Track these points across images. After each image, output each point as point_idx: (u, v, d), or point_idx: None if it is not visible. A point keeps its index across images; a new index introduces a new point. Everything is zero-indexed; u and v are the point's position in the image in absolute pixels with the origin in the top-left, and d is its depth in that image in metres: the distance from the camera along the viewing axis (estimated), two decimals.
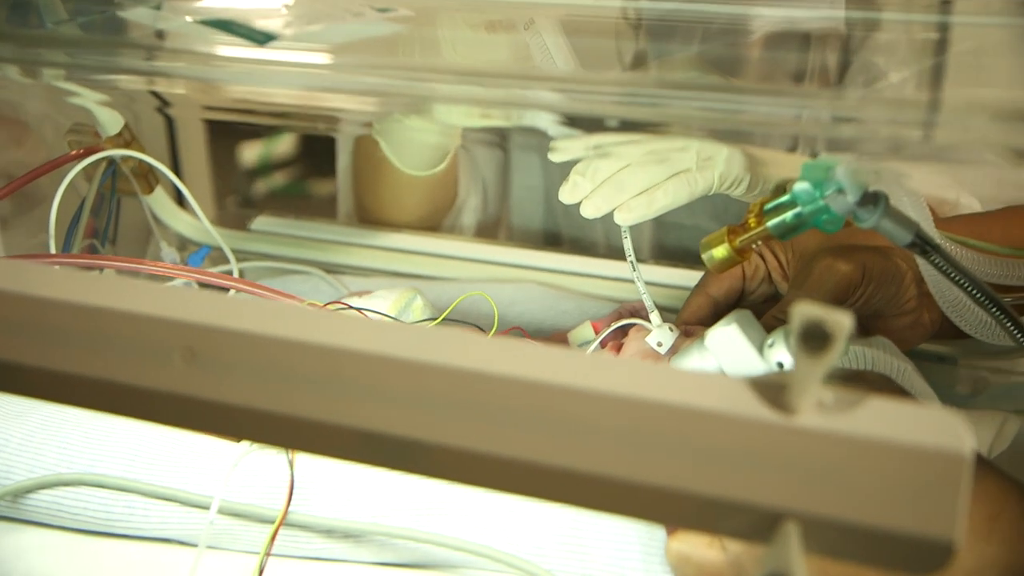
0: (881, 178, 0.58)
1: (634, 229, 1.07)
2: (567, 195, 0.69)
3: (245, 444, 0.65)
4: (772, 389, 0.36)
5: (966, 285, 0.58)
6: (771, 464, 0.35)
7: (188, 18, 0.56)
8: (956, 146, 0.45)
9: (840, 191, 0.54)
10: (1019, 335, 0.60)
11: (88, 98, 0.80)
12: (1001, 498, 0.50)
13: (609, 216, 1.02)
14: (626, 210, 0.67)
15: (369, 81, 0.52)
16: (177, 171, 1.05)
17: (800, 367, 0.34)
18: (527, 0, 0.69)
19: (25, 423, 0.65)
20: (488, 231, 1.17)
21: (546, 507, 0.59)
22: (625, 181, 0.66)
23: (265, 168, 2.44)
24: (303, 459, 0.63)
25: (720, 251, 0.63)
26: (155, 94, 0.70)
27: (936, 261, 0.58)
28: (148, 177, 1.04)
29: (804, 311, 0.32)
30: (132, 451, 0.63)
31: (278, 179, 2.45)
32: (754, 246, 0.61)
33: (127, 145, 0.98)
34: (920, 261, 0.60)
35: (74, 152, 0.93)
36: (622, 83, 0.55)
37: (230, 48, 0.52)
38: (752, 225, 0.60)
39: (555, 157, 0.68)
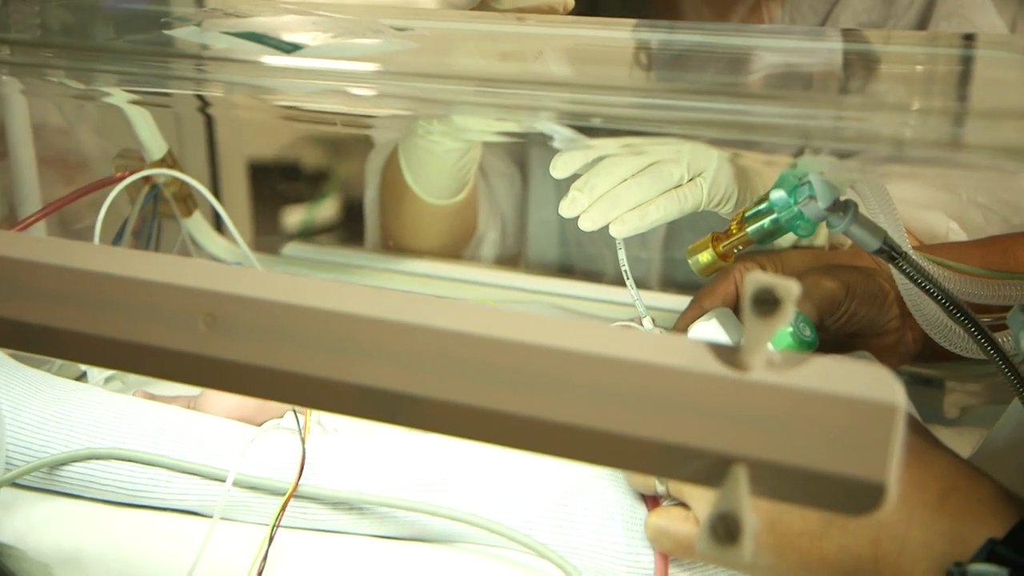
0: (857, 188, 0.63)
1: (643, 264, 1.11)
2: (566, 209, 0.74)
3: (267, 424, 0.70)
4: (727, 350, 0.40)
5: (932, 292, 0.62)
6: (724, 415, 0.38)
7: (223, 32, 0.62)
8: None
9: (812, 197, 0.59)
10: (985, 342, 0.63)
11: (122, 98, 0.86)
12: (953, 475, 0.53)
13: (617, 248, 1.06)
14: (620, 223, 0.72)
15: (390, 85, 0.57)
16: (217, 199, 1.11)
17: (751, 329, 0.37)
18: (539, 32, 0.74)
19: (63, 405, 0.70)
20: (507, 264, 1.22)
21: (536, 485, 0.63)
22: (620, 196, 0.72)
23: (307, 232, 2.50)
24: (314, 437, 0.68)
25: (705, 256, 0.68)
26: (199, 97, 0.75)
27: (903, 267, 0.62)
28: (187, 201, 1.11)
29: (756, 277, 0.36)
30: (159, 429, 0.68)
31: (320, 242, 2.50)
32: (736, 250, 0.66)
33: (170, 169, 1.04)
34: (892, 272, 0.64)
35: (118, 175, 0.99)
36: (629, 87, 0.60)
37: (256, 55, 0.57)
38: (734, 231, 0.65)
39: (556, 174, 0.73)
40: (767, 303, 0.37)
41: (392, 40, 0.61)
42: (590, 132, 0.66)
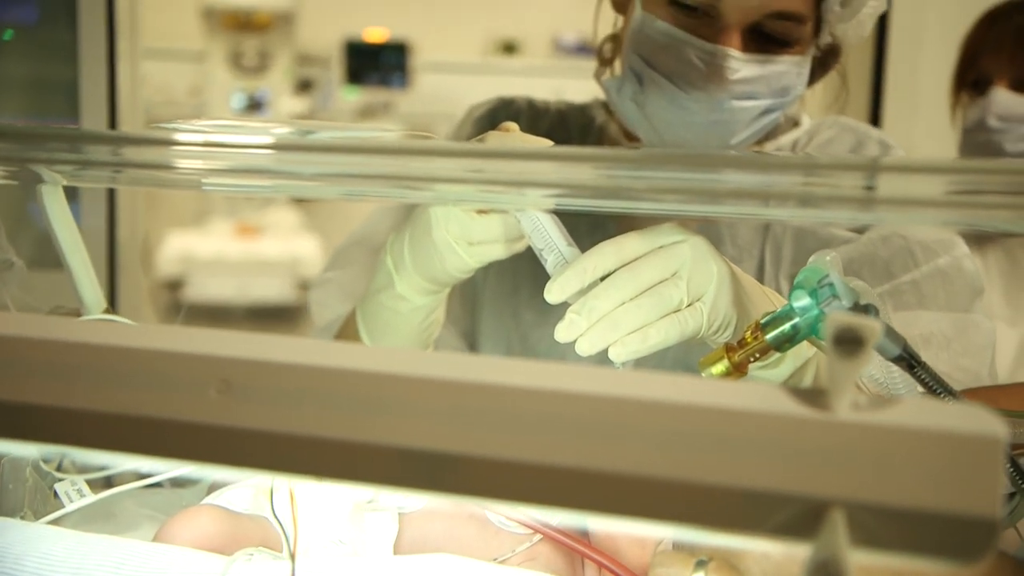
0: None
1: None
2: (563, 333, 0.71)
3: (241, 552, 0.63)
4: (810, 393, 0.37)
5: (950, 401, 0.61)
6: (813, 458, 0.36)
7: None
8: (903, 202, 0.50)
9: (835, 297, 0.58)
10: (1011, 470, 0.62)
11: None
12: (994, 562, 0.51)
13: None
14: (620, 346, 0.69)
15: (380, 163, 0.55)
16: None
17: (834, 370, 0.35)
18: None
19: (3, 538, 0.62)
20: None
21: None
22: (620, 319, 0.69)
23: None
24: (300, 560, 0.61)
25: (719, 367, 0.65)
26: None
27: (922, 376, 0.61)
28: None
29: (837, 317, 0.34)
30: (117, 561, 0.61)
31: None
32: (752, 359, 0.64)
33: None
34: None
35: None
36: (605, 157, 0.60)
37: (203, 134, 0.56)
38: (749, 340, 0.64)
39: (551, 298, 0.71)
40: (849, 342, 0.35)
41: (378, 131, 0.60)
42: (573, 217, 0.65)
